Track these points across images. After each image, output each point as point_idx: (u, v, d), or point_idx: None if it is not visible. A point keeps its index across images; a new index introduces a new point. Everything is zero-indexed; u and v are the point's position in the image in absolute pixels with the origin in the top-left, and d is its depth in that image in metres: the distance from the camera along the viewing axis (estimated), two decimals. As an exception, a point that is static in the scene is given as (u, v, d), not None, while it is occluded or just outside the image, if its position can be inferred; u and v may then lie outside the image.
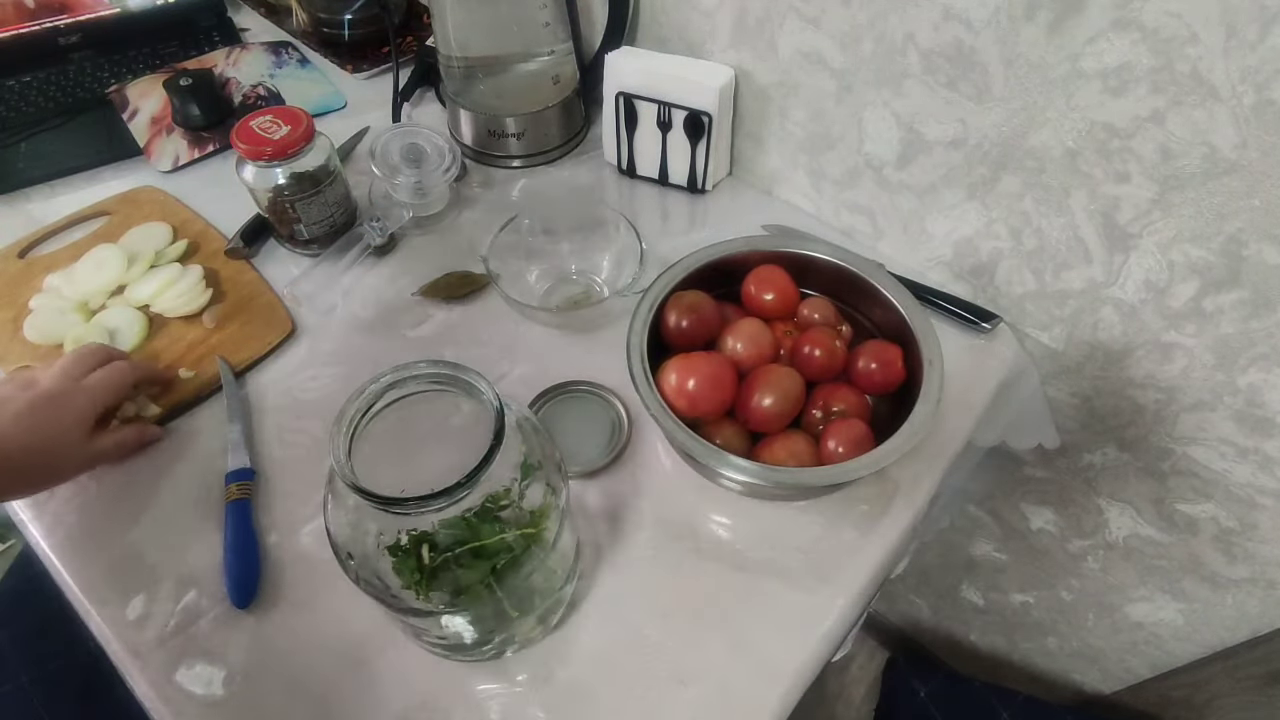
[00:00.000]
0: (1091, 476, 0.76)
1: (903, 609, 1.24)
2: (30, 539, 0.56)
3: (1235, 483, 0.65)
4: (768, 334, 0.57)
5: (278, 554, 0.54)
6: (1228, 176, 0.49)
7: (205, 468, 0.58)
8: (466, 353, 0.66)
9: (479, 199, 0.79)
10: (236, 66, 0.91)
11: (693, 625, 0.52)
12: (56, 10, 0.88)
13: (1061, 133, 0.55)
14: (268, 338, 0.65)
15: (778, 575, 0.54)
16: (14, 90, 0.86)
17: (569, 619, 0.52)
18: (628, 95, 0.73)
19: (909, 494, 0.58)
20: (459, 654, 0.50)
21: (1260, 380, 0.57)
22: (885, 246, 0.73)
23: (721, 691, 0.49)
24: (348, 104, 0.88)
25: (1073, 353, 0.67)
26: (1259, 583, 0.71)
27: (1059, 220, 0.59)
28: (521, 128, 0.79)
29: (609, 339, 0.65)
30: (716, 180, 0.78)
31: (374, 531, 0.40)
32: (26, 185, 0.78)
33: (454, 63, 0.78)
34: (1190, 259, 0.55)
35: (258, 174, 0.67)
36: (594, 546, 0.55)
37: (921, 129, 0.62)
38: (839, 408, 0.54)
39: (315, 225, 0.71)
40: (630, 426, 0.60)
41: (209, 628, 0.51)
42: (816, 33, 0.63)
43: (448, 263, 0.71)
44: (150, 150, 0.81)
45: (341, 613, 0.51)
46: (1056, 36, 0.51)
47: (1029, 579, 0.95)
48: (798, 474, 0.50)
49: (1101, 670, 0.97)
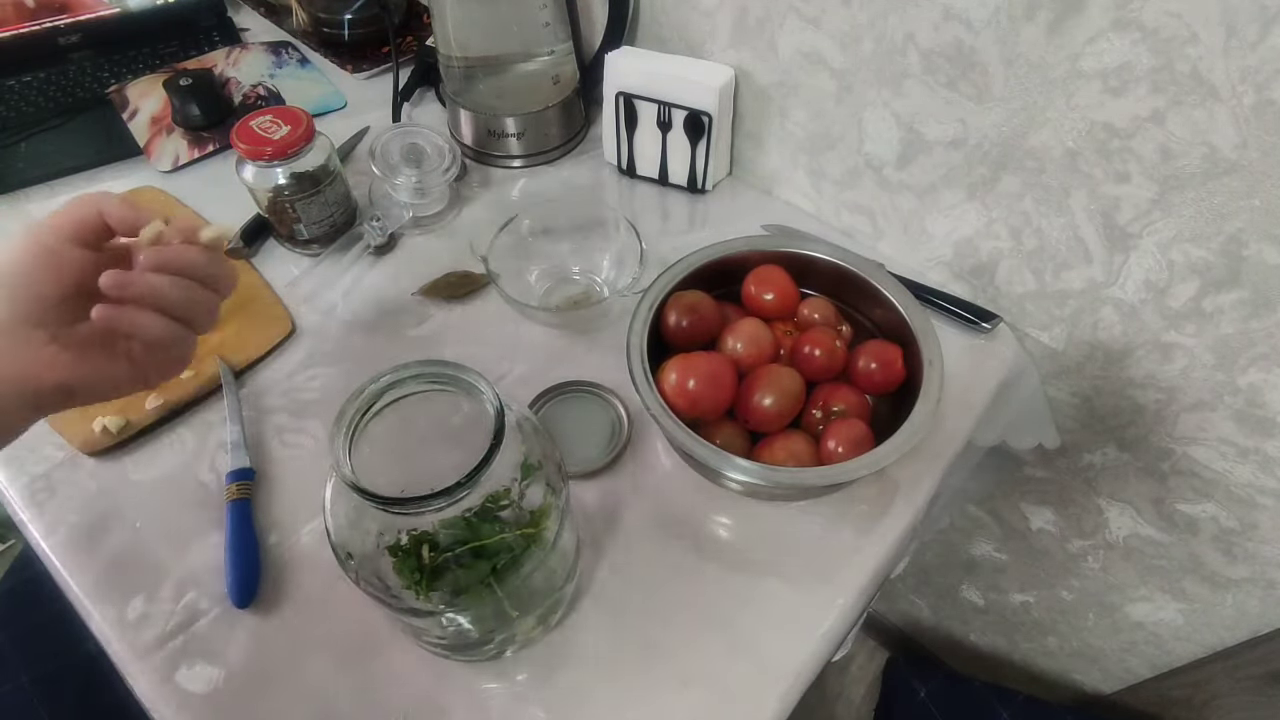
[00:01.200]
0: (1091, 476, 0.76)
1: (903, 609, 1.24)
2: (30, 539, 0.56)
3: (1235, 483, 0.65)
4: (768, 334, 0.57)
5: (278, 554, 0.54)
6: (1228, 176, 0.49)
7: (205, 468, 0.58)
8: (466, 353, 0.66)
9: (479, 199, 0.79)
10: (236, 66, 0.91)
11: (693, 625, 0.52)
12: (56, 10, 0.88)
13: (1061, 133, 0.55)
14: (267, 338, 0.65)
15: (778, 575, 0.54)
16: (14, 90, 0.85)
17: (569, 619, 0.52)
18: (628, 95, 0.73)
19: (909, 494, 0.58)
20: (459, 654, 0.50)
21: (1260, 380, 0.57)
22: (885, 246, 0.73)
23: (721, 691, 0.49)
24: (348, 104, 0.88)
25: (1073, 353, 0.67)
26: (1259, 583, 0.71)
27: (1059, 220, 0.59)
28: (521, 128, 0.79)
29: (609, 339, 0.65)
30: (716, 180, 0.79)
31: (374, 531, 0.40)
32: (26, 185, 0.78)
33: (454, 63, 0.78)
34: (1190, 259, 0.55)
35: (258, 174, 0.67)
36: (594, 546, 0.55)
37: (921, 129, 0.62)
38: (839, 408, 0.54)
39: (315, 225, 0.71)
40: (630, 426, 0.60)
41: (209, 628, 0.51)
42: (816, 33, 0.63)
43: (448, 263, 0.71)
44: (150, 150, 0.81)
45: (341, 613, 0.51)
46: (1056, 36, 0.51)
47: (1029, 579, 0.95)
48: (798, 474, 0.50)
49: (1101, 670, 0.97)
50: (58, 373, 0.41)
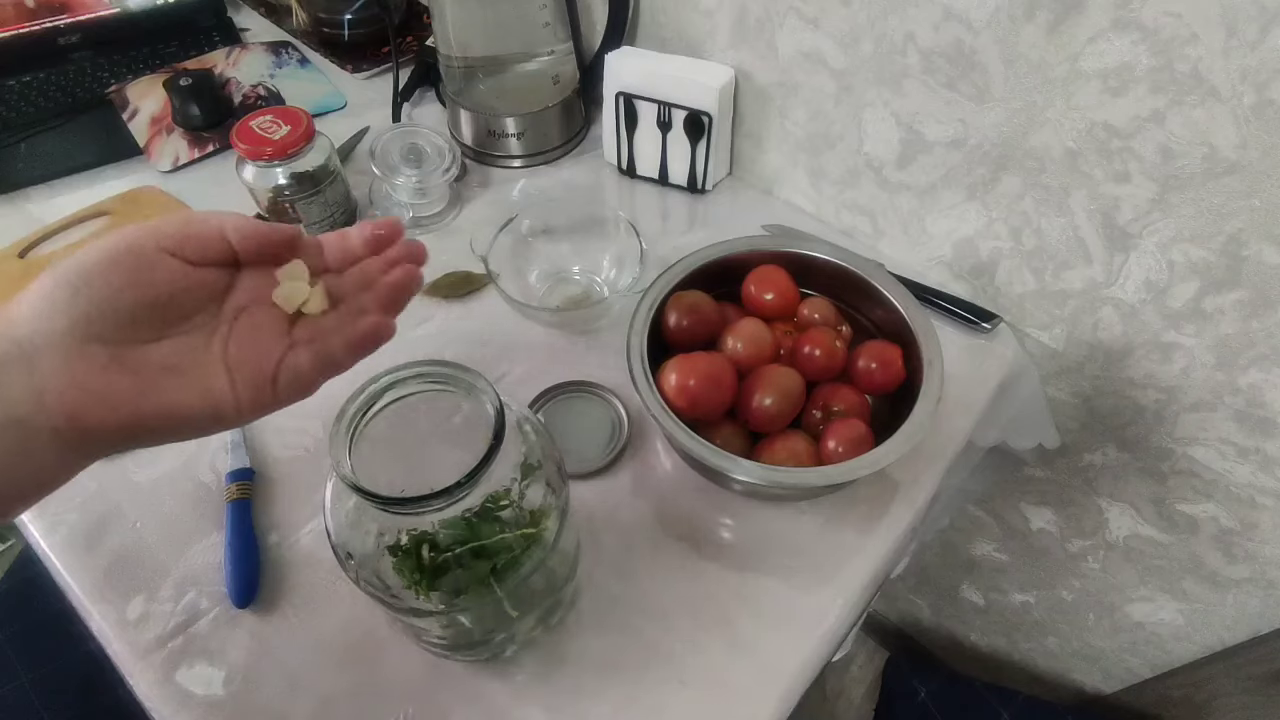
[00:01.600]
0: (1091, 476, 0.76)
1: (903, 609, 1.24)
2: (30, 539, 0.56)
3: (1235, 483, 0.65)
4: (768, 334, 0.57)
5: (278, 554, 0.54)
6: (1228, 176, 0.49)
7: (205, 468, 0.58)
8: (466, 353, 0.66)
9: (479, 199, 0.79)
10: (236, 66, 0.91)
11: (692, 625, 0.52)
12: (56, 10, 0.88)
13: (1061, 133, 0.55)
14: (268, 338, 0.65)
15: (778, 575, 0.54)
16: (14, 90, 0.85)
17: (569, 619, 0.52)
18: (628, 95, 0.73)
19: (909, 494, 0.58)
20: (459, 654, 0.50)
21: (1260, 380, 0.57)
22: (885, 246, 0.73)
23: (721, 691, 0.49)
24: (348, 104, 0.88)
25: (1073, 353, 0.67)
26: (1259, 583, 0.70)
27: (1059, 220, 0.59)
28: (521, 128, 0.79)
29: (609, 339, 0.65)
30: (716, 180, 0.78)
31: (374, 531, 0.40)
32: (26, 185, 0.78)
33: (454, 63, 0.78)
34: (1190, 259, 0.55)
35: (258, 174, 0.67)
36: (594, 546, 0.55)
37: (921, 129, 0.62)
38: (839, 408, 0.54)
39: (315, 225, 0.71)
40: (630, 426, 0.60)
41: (209, 628, 0.51)
42: (816, 33, 0.63)
43: (448, 263, 0.71)
44: (150, 150, 0.81)
45: (341, 613, 0.51)
46: (1056, 36, 0.51)
47: (1029, 579, 0.95)
48: (798, 474, 0.50)
49: (1101, 670, 0.97)
50: (112, 405, 0.32)
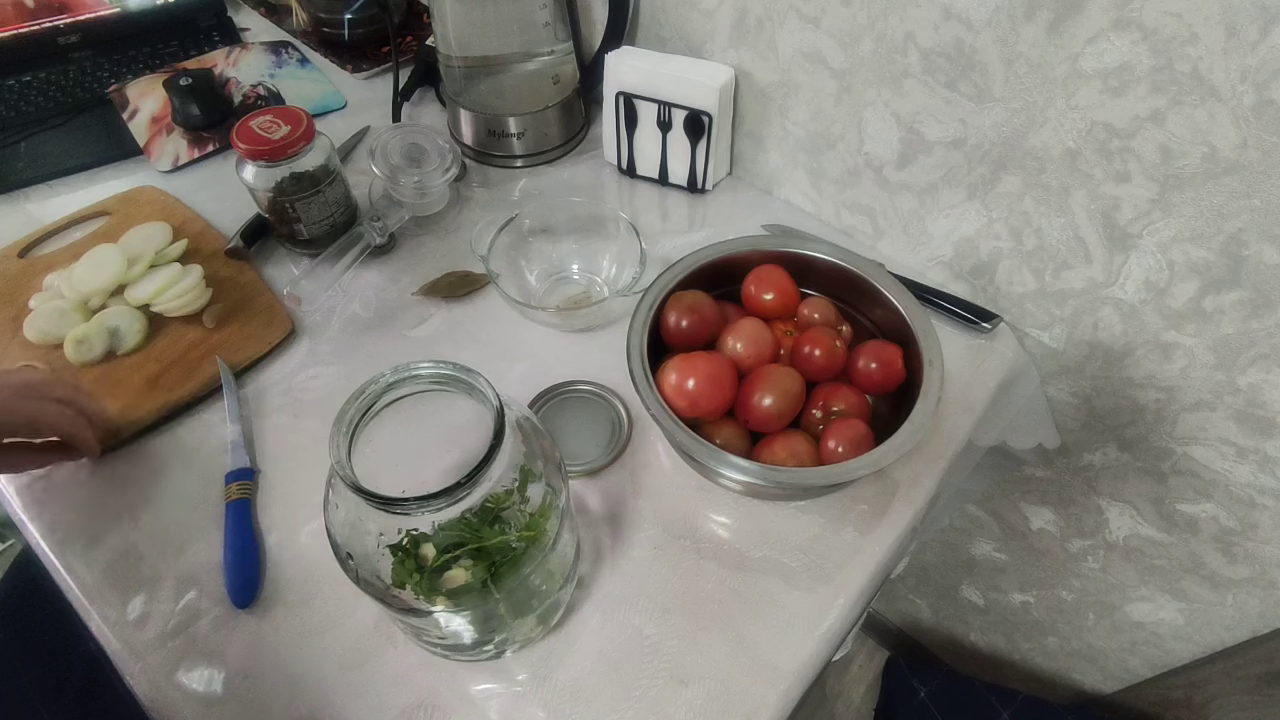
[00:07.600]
0: (1091, 476, 0.76)
1: (903, 609, 1.24)
2: (30, 539, 0.56)
3: (1235, 483, 0.65)
4: (768, 334, 0.57)
5: (278, 554, 0.54)
6: (1228, 176, 0.49)
7: (205, 468, 0.58)
8: (466, 353, 0.66)
9: (479, 199, 0.79)
10: (236, 66, 0.91)
11: (693, 625, 0.52)
12: (56, 10, 0.88)
13: (1061, 133, 0.55)
14: (267, 338, 0.65)
15: (778, 575, 0.54)
16: (14, 90, 0.86)
17: (569, 619, 0.52)
18: (628, 95, 0.73)
19: (909, 494, 0.58)
20: (459, 654, 0.50)
21: (1260, 380, 0.57)
22: (885, 246, 0.73)
23: (721, 691, 0.49)
24: (348, 104, 0.88)
25: (1073, 352, 0.67)
26: (1259, 583, 0.71)
27: (1059, 220, 0.59)
28: (522, 128, 0.79)
29: (609, 339, 0.65)
30: (716, 180, 0.79)
31: (374, 531, 0.40)
32: (26, 185, 0.78)
33: (454, 63, 0.78)
34: (1190, 259, 0.55)
35: (258, 174, 0.67)
36: (594, 546, 0.55)
37: (921, 129, 0.62)
38: (839, 408, 0.54)
39: (315, 225, 0.71)
40: (630, 426, 0.60)
41: (209, 628, 0.51)
42: (816, 32, 0.63)
43: (448, 263, 0.71)
44: (150, 150, 0.81)
45: (341, 613, 0.51)
46: (1056, 36, 0.51)
47: (1029, 579, 0.96)
48: (798, 474, 0.50)
49: (1101, 670, 0.97)
50: None
